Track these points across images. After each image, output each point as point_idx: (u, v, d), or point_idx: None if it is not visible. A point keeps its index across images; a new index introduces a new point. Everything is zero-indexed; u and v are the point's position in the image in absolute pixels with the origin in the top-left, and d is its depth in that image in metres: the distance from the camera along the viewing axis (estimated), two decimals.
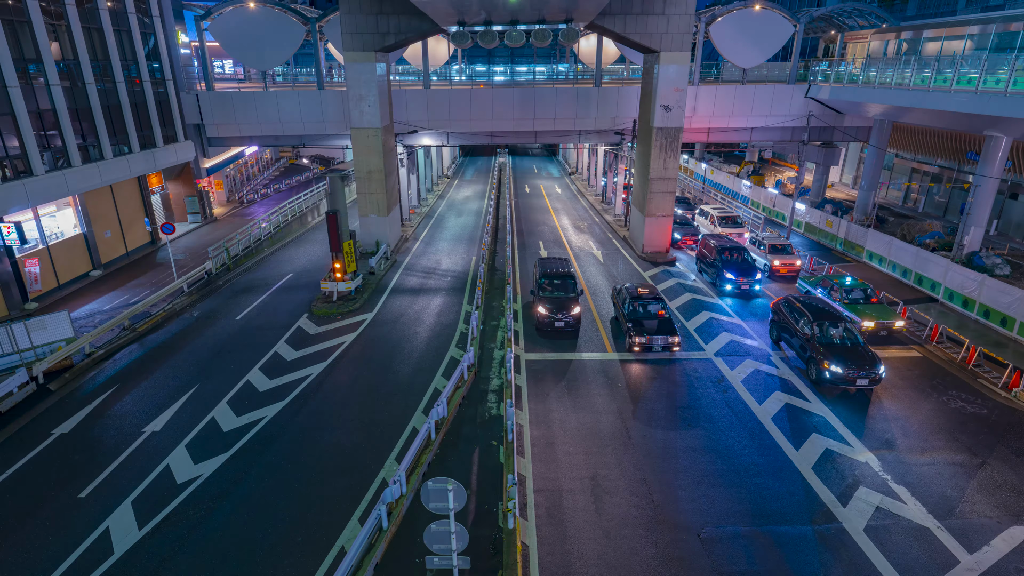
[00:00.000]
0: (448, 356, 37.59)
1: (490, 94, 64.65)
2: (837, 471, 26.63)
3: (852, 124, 66.79)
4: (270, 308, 45.02)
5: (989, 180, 47.87)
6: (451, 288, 49.45)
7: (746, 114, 65.63)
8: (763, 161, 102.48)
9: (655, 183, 55.02)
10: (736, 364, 36.28)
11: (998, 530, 23.17)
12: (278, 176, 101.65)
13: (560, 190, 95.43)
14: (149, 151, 58.14)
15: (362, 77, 52.49)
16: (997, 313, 39.18)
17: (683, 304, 45.20)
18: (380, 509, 22.08)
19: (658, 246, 57.44)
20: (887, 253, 50.73)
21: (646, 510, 24.25)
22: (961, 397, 32.60)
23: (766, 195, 73.09)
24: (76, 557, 22.17)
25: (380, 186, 55.82)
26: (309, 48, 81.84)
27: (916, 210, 71.30)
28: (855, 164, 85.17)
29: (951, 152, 64.17)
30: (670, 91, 52.44)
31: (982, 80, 44.41)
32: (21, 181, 43.14)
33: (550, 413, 31.18)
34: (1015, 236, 58.83)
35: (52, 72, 46.30)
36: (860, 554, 21.99)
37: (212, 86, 66.35)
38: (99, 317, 43.01)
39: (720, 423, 30.29)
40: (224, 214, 74.18)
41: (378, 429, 29.92)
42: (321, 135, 66.40)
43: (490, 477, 26.35)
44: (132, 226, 58.40)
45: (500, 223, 68.65)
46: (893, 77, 54.32)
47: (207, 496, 25.33)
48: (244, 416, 31.07)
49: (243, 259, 55.91)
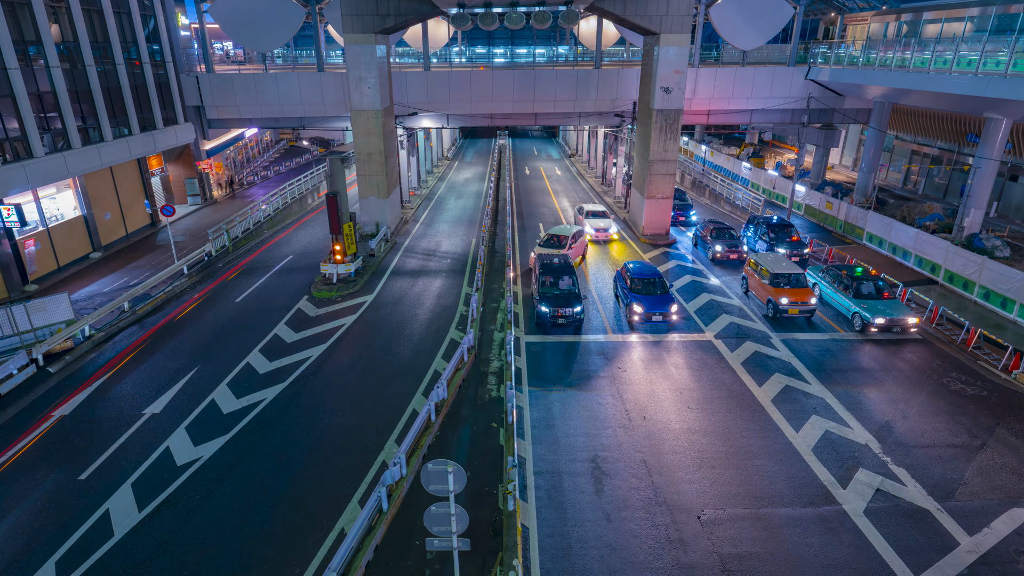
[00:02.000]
0: (448, 338, 37.58)
1: (490, 76, 64.40)
2: (837, 453, 26.64)
3: (852, 106, 66.56)
4: (270, 290, 44.98)
5: (989, 162, 47.72)
6: (451, 270, 49.39)
7: (746, 96, 65.42)
8: (763, 143, 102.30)
9: (655, 165, 54.86)
10: (736, 346, 36.25)
11: (998, 512, 23.19)
12: (278, 158, 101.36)
13: (560, 172, 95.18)
14: (149, 133, 57.98)
15: (362, 59, 52.21)
16: (997, 295, 39.16)
17: (683, 286, 45.14)
18: (380, 491, 22.12)
19: (658, 228, 57.32)
20: (887, 235, 50.67)
21: (646, 492, 24.28)
22: (961, 379, 32.61)
23: (766, 177, 72.87)
24: (76, 539, 22.21)
25: (380, 168, 55.65)
26: (309, 30, 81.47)
27: (916, 192, 71.15)
28: (855, 146, 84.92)
29: (951, 134, 63.98)
30: (670, 73, 52.18)
31: (982, 62, 44.20)
32: (21, 163, 42.98)
33: (550, 395, 31.18)
34: (1015, 218, 58.72)
35: (52, 54, 46.09)
36: (860, 536, 22.01)
37: (212, 68, 66.21)
38: (99, 299, 42.98)
39: (720, 405, 30.29)
40: (224, 196, 74.01)
41: (378, 411, 29.94)
42: (321, 117, 66.22)
43: (490, 459, 26.37)
44: (132, 208, 58.27)
45: (500, 205, 68.46)
46: (893, 59, 54.10)
47: (207, 478, 25.35)
48: (244, 398, 31.09)
49: (243, 241, 55.83)
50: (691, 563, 20.86)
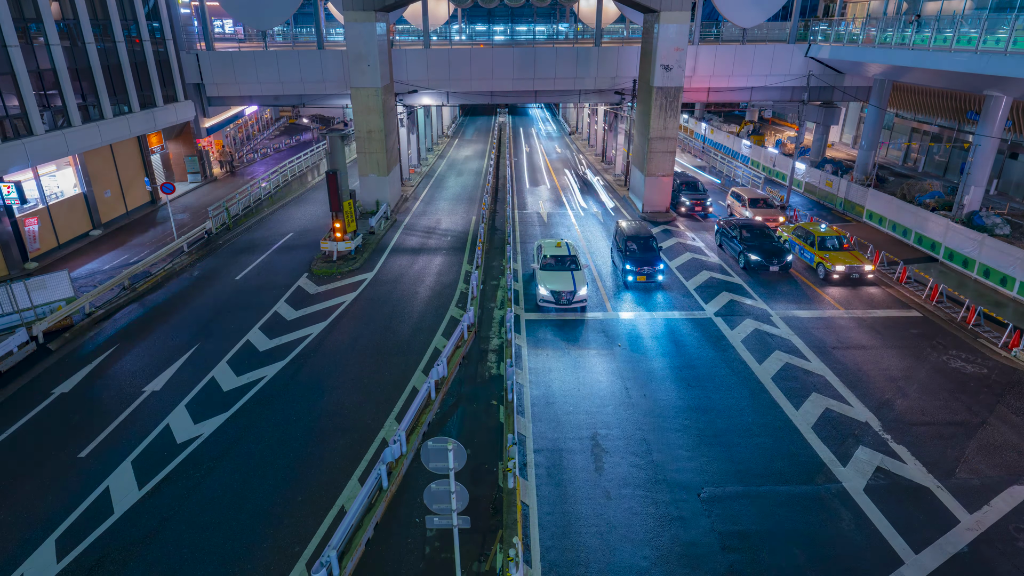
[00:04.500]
0: (448, 316, 37.55)
1: (490, 53, 64.05)
2: (837, 431, 26.66)
3: (852, 84, 66.16)
4: (270, 267, 44.91)
5: (989, 140, 47.50)
6: (451, 248, 49.32)
7: (746, 74, 65.07)
8: (763, 121, 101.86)
9: (655, 142, 54.71)
10: (736, 324, 36.23)
11: (998, 489, 23.22)
12: (278, 136, 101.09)
13: (560, 149, 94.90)
14: (149, 111, 57.84)
15: (362, 36, 51.92)
16: (997, 272, 39.11)
17: (684, 264, 45.06)
18: (380, 469, 22.14)
19: (658, 205, 57.21)
20: (887, 212, 50.56)
21: (646, 470, 24.32)
22: (961, 357, 32.60)
23: (766, 155, 72.70)
24: (76, 516, 22.25)
25: (380, 146, 55.50)
26: (309, 7, 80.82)
27: (916, 169, 70.86)
28: (855, 124, 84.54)
29: (951, 112, 63.65)
30: (670, 51, 51.93)
31: (982, 40, 43.95)
32: (21, 141, 42.93)
33: (550, 373, 31.18)
34: (1015, 196, 58.50)
35: (52, 31, 45.91)
36: (860, 514, 22.05)
37: (212, 46, 65.82)
38: (99, 277, 42.93)
39: (720, 382, 30.31)
40: (223, 174, 73.83)
41: (378, 389, 29.95)
42: (321, 95, 65.94)
43: (490, 437, 26.41)
44: (132, 186, 58.16)
45: (500, 183, 68.30)
46: (893, 37, 53.79)
47: (207, 456, 25.39)
48: (244, 376, 31.09)
49: (243, 219, 55.72)
50: (691, 540, 20.91)
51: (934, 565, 19.98)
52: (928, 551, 20.46)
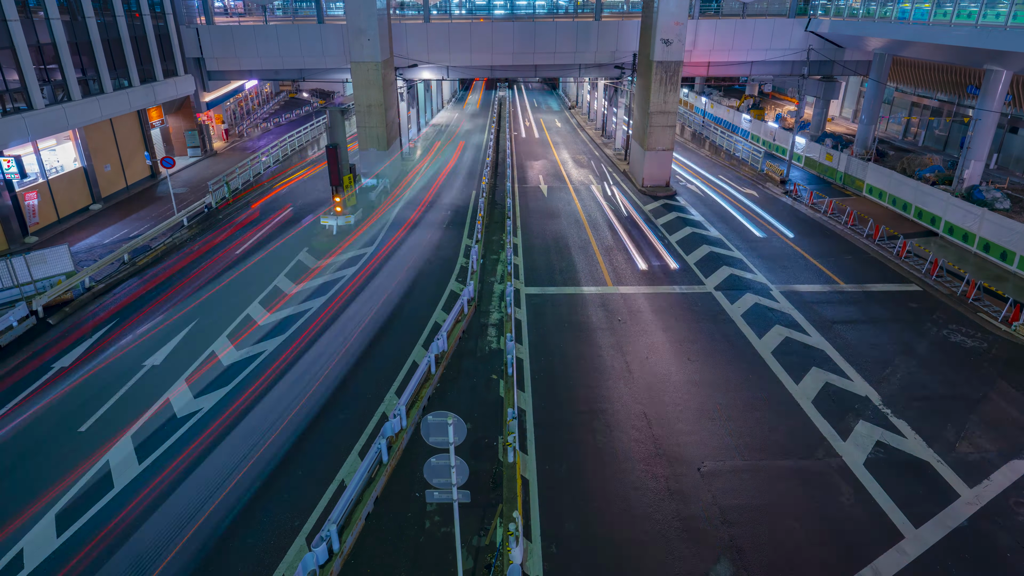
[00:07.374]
0: (448, 290, 37.50)
1: (490, 28, 63.77)
2: (837, 405, 26.66)
3: (852, 58, 65.83)
4: (270, 241, 44.79)
5: (989, 114, 47.27)
6: (451, 222, 49.21)
7: (746, 48, 64.80)
8: (763, 95, 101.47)
9: (655, 117, 54.54)
10: (736, 298, 36.18)
11: (998, 464, 23.25)
12: (278, 110, 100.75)
13: (560, 124, 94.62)
14: (149, 85, 57.62)
15: (362, 10, 51.67)
16: (997, 247, 39.04)
17: (683, 238, 44.98)
18: (380, 443, 22.17)
19: (658, 179, 57.09)
20: (887, 187, 50.44)
21: (646, 444, 24.34)
22: (961, 331, 32.56)
23: (766, 129, 72.49)
24: (76, 491, 22.26)
25: (380, 120, 55.33)
26: None
27: (916, 144, 70.56)
28: (855, 98, 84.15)
29: (951, 86, 63.28)
30: (670, 25, 51.66)
31: (982, 14, 43.70)
32: (21, 115, 42.82)
33: (550, 347, 31.16)
34: (1015, 170, 58.28)
35: (52, 5, 45.73)
36: (860, 488, 22.07)
37: (212, 20, 65.61)
38: (99, 251, 42.86)
39: (720, 357, 30.29)
40: (224, 148, 73.61)
41: (378, 363, 29.93)
42: (321, 69, 65.81)
43: (490, 411, 26.41)
44: (132, 160, 58.01)
45: (500, 157, 68.16)
46: (893, 11, 53.47)
47: (207, 430, 25.40)
48: (244, 350, 31.07)
49: (243, 193, 55.56)
50: (691, 515, 20.95)
51: (934, 539, 20.01)
52: (928, 525, 20.49)
